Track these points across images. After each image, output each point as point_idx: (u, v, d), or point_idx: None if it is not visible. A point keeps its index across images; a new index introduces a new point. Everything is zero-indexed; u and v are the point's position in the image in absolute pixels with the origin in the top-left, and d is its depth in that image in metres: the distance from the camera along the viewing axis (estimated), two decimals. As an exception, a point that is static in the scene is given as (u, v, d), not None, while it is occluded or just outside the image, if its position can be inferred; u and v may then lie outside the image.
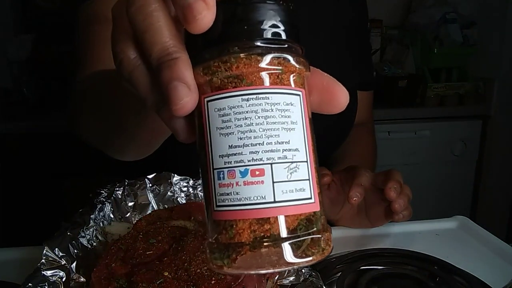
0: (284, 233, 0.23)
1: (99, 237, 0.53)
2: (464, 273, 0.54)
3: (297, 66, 0.24)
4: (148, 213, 0.57)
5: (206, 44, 0.24)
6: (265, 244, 0.22)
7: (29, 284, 0.42)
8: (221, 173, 0.23)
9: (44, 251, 0.45)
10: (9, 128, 1.54)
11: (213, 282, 0.41)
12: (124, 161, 0.54)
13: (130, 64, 0.25)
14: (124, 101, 0.40)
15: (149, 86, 0.25)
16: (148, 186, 0.59)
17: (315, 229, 0.24)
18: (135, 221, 0.55)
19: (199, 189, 0.61)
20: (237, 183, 0.23)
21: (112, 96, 0.43)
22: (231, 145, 0.23)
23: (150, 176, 0.60)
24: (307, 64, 0.25)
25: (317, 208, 0.24)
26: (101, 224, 0.54)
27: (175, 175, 0.61)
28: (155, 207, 0.59)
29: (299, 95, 0.24)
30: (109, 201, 0.56)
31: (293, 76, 0.24)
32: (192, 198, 0.60)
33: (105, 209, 0.55)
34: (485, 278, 0.53)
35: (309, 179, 0.24)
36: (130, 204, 0.58)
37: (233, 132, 0.23)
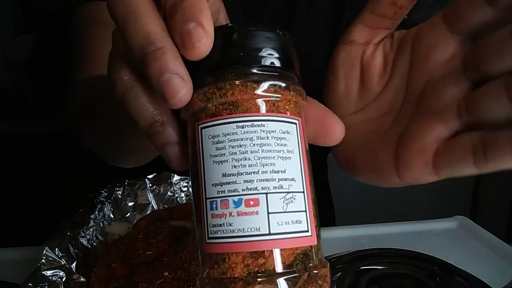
0: (279, 268, 0.21)
1: (99, 237, 0.53)
2: (464, 273, 0.54)
3: (294, 94, 0.24)
4: (148, 213, 0.57)
5: (201, 70, 0.23)
6: (259, 280, 0.21)
7: (29, 284, 0.42)
8: (214, 202, 0.22)
9: (44, 251, 0.45)
10: (9, 128, 1.54)
11: (213, 282, 0.41)
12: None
13: (124, 85, 0.25)
14: (120, 114, 0.40)
15: (141, 109, 0.25)
16: (148, 186, 0.59)
17: (311, 264, 0.22)
18: (135, 221, 0.55)
19: (199, 189, 0.61)
20: (230, 214, 0.22)
21: (108, 109, 0.43)
22: (225, 174, 0.22)
23: (150, 176, 0.60)
24: (304, 93, 0.25)
25: (314, 242, 0.23)
26: (101, 224, 0.54)
27: (175, 175, 0.61)
28: (155, 207, 0.59)
29: (295, 123, 0.24)
30: (109, 201, 0.56)
31: (290, 105, 0.24)
32: (192, 198, 0.60)
33: (105, 209, 0.55)
34: (485, 278, 0.53)
35: (305, 211, 0.23)
36: (130, 204, 0.58)
37: (227, 160, 0.22)
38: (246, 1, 0.64)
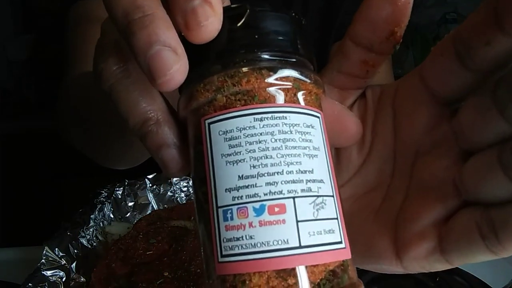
0: None
1: (99, 237, 0.53)
2: (464, 273, 0.54)
3: (315, 85, 0.21)
4: (148, 213, 0.57)
5: (208, 56, 0.20)
6: None
7: (29, 284, 0.42)
8: (229, 211, 0.18)
9: (44, 251, 0.45)
10: (9, 128, 1.55)
11: (213, 282, 0.41)
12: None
13: (112, 75, 0.21)
14: (109, 112, 0.37)
15: (131, 104, 0.21)
16: (148, 186, 0.60)
17: (343, 284, 0.18)
18: (135, 221, 0.55)
19: (199, 189, 0.61)
20: (250, 224, 0.17)
21: (97, 107, 0.41)
22: (242, 176, 0.18)
23: (150, 176, 0.60)
24: (323, 85, 0.22)
25: (348, 255, 0.19)
26: (101, 224, 0.54)
27: (175, 175, 0.61)
28: (155, 207, 0.59)
29: (318, 117, 0.20)
30: (109, 201, 0.56)
31: (311, 96, 0.21)
32: (192, 198, 0.60)
33: (105, 209, 0.55)
34: (485, 278, 0.53)
35: (337, 218, 0.19)
36: (130, 204, 0.58)
37: (243, 159, 0.18)
38: None
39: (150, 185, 0.60)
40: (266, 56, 0.20)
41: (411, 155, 0.22)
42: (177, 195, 0.60)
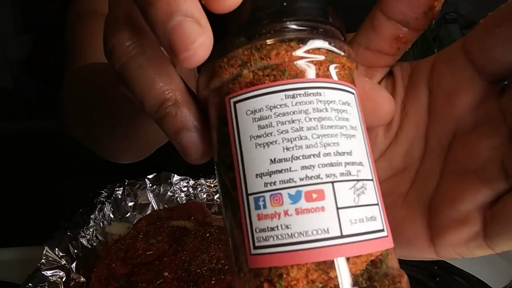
0: (348, 283, 0.16)
1: (99, 237, 0.53)
2: (464, 273, 0.54)
3: (349, 59, 0.19)
4: (148, 213, 0.57)
5: (231, 28, 0.18)
6: None
7: (29, 284, 0.42)
8: (261, 199, 0.16)
9: (44, 251, 0.45)
10: (9, 128, 1.55)
11: (213, 282, 0.41)
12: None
13: (124, 52, 0.19)
14: (115, 102, 0.38)
15: (147, 84, 0.19)
16: (148, 186, 0.60)
17: (388, 272, 0.17)
18: (135, 221, 0.55)
19: (199, 189, 0.61)
20: (286, 212, 0.16)
21: (102, 97, 0.41)
22: (274, 159, 0.17)
23: (150, 176, 0.60)
24: (356, 59, 0.20)
25: (391, 244, 0.18)
26: (101, 224, 0.54)
27: (175, 175, 0.61)
28: (155, 207, 0.59)
29: (353, 93, 0.19)
30: (109, 201, 0.56)
31: (345, 70, 0.19)
32: (192, 198, 0.60)
33: (105, 209, 0.55)
34: (485, 278, 0.53)
35: (378, 204, 0.18)
36: (130, 204, 0.58)
37: (275, 141, 0.17)
38: None
39: (150, 185, 0.60)
40: (295, 26, 0.18)
41: (448, 136, 0.21)
42: (177, 195, 0.60)
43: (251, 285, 0.17)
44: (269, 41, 0.17)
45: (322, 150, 0.17)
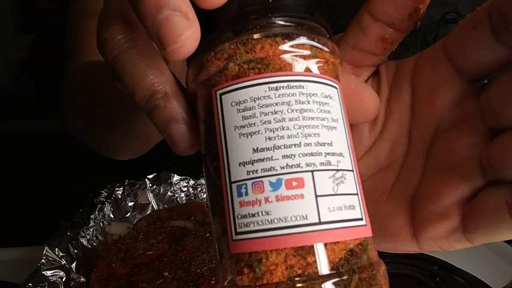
0: (326, 269, 0.16)
1: (99, 237, 0.53)
2: (464, 273, 0.54)
3: (333, 54, 0.20)
4: (148, 213, 0.57)
5: (218, 23, 0.19)
6: (305, 286, 0.16)
7: (29, 284, 0.42)
8: (243, 186, 0.17)
9: (44, 251, 0.45)
10: (9, 128, 1.55)
11: (213, 282, 0.41)
12: (124, 161, 0.54)
13: (116, 45, 0.20)
14: (112, 96, 0.38)
15: (138, 77, 0.20)
16: (148, 186, 0.60)
17: (362, 262, 0.18)
18: (135, 221, 0.55)
19: (199, 189, 0.61)
20: (266, 199, 0.17)
21: (100, 94, 0.41)
22: (257, 148, 0.17)
23: (150, 176, 0.60)
24: (340, 56, 0.21)
25: (369, 233, 0.18)
26: (101, 224, 0.54)
27: (175, 175, 0.61)
28: (155, 207, 0.59)
29: (336, 88, 0.19)
30: (109, 201, 0.56)
31: (328, 66, 0.20)
32: (192, 198, 0.60)
33: (105, 209, 0.55)
34: (485, 278, 0.53)
35: (357, 194, 0.18)
36: (130, 204, 0.58)
37: (258, 131, 0.17)
38: None
39: (150, 185, 0.60)
40: (281, 22, 0.18)
41: (429, 134, 0.22)
42: (177, 195, 0.60)
43: (232, 271, 0.17)
44: (255, 36, 0.18)
45: (303, 140, 0.17)
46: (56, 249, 0.46)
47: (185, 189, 0.61)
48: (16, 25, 1.82)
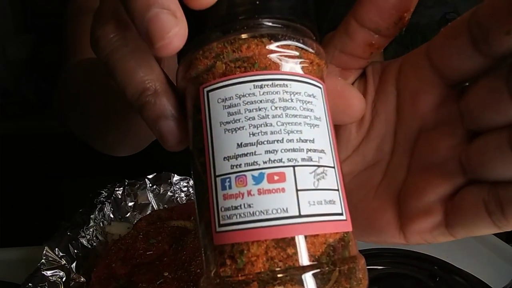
0: (306, 261, 0.17)
1: (99, 237, 0.53)
2: (464, 273, 0.54)
3: (318, 56, 0.20)
4: (148, 213, 0.57)
5: (207, 23, 0.19)
6: (285, 277, 0.17)
7: (29, 284, 0.42)
8: (227, 180, 0.18)
9: (44, 251, 0.45)
10: (9, 128, 1.55)
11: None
12: (124, 161, 0.54)
13: (109, 44, 0.21)
14: (109, 93, 0.38)
15: (129, 74, 0.21)
16: (148, 186, 0.59)
17: (346, 255, 0.18)
18: (135, 221, 0.55)
19: (199, 189, 0.61)
20: (249, 192, 0.17)
21: (96, 91, 0.41)
22: (241, 144, 0.18)
23: (150, 176, 0.60)
24: (326, 57, 0.22)
25: (349, 227, 0.19)
26: (101, 224, 0.54)
27: (175, 175, 0.61)
28: (155, 207, 0.59)
29: (320, 87, 0.20)
30: (109, 201, 0.56)
31: (313, 66, 0.20)
32: (192, 198, 0.60)
33: (105, 209, 0.55)
34: (485, 278, 0.53)
35: (338, 190, 0.19)
36: (130, 204, 0.58)
37: (243, 127, 0.18)
38: None
39: (150, 185, 0.60)
40: (268, 23, 0.19)
41: (413, 134, 0.23)
42: (177, 195, 0.60)
43: (216, 262, 0.18)
44: (242, 36, 0.19)
45: (286, 136, 0.18)
46: (56, 249, 0.46)
47: (185, 189, 0.61)
48: (16, 25, 1.82)
